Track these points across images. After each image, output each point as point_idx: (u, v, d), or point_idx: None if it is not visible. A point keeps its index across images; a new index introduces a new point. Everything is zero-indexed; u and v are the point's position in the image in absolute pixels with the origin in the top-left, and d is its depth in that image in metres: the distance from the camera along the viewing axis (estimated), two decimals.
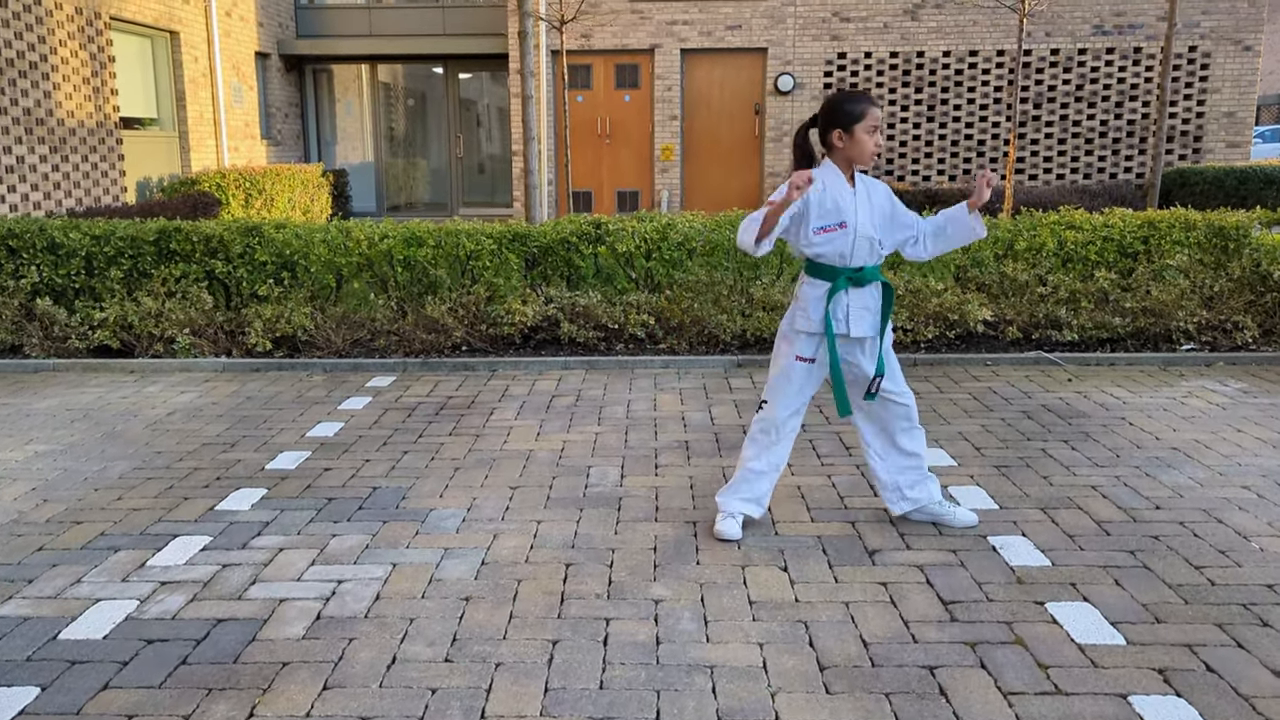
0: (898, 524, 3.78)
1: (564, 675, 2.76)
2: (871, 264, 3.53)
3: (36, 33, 10.31)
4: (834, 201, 3.48)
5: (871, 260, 3.53)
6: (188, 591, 3.29)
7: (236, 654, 2.89)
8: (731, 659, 2.83)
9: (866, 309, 3.55)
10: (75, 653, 2.92)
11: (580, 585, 3.31)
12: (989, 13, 14.39)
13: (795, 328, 3.60)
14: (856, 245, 3.48)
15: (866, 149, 3.47)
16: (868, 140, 3.46)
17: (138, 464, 4.61)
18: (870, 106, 3.45)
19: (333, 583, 3.35)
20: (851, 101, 3.46)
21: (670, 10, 14.67)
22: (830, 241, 3.48)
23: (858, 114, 3.45)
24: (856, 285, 3.52)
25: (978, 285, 6.87)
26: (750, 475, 3.69)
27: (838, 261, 3.51)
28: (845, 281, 3.50)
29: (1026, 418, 5.17)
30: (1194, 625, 2.98)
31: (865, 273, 3.51)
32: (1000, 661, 2.80)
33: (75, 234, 6.94)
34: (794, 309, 3.62)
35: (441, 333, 6.64)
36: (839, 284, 3.49)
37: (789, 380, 3.62)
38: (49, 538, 3.76)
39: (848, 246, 3.48)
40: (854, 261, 3.50)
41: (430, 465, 4.55)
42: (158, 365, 6.50)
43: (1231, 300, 6.61)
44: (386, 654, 2.89)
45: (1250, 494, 4.04)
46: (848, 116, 3.45)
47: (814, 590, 3.25)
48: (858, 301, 3.54)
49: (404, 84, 17.36)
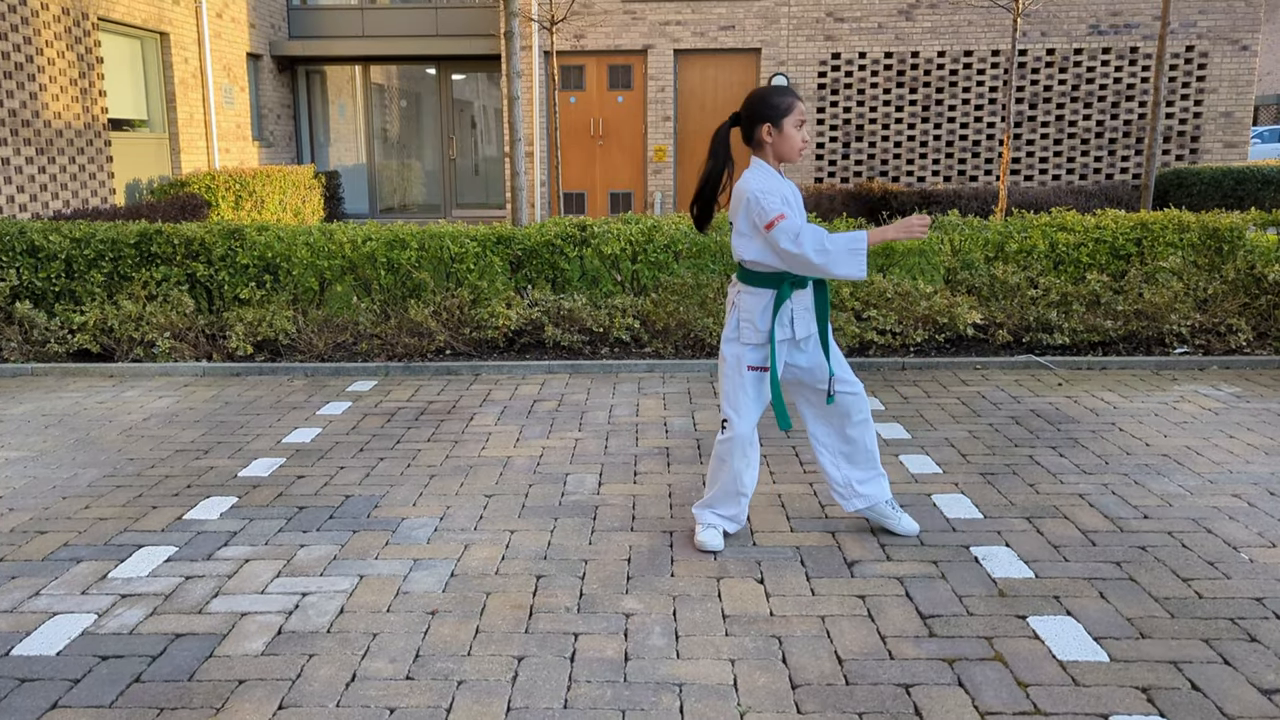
0: (878, 534, 3.70)
1: (527, 694, 2.67)
2: None
3: (22, 33, 10.23)
4: (784, 199, 3.36)
5: None
6: (148, 605, 3.21)
7: (192, 671, 2.81)
8: (701, 676, 2.75)
9: (807, 309, 3.47)
10: (26, 670, 2.83)
11: (550, 598, 3.22)
12: (984, 13, 14.31)
13: (743, 340, 3.47)
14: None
15: (794, 143, 3.38)
16: (795, 134, 3.37)
17: (108, 471, 4.52)
18: (796, 100, 3.37)
19: (297, 595, 3.26)
20: (778, 95, 3.38)
21: (663, 10, 14.59)
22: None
23: (785, 107, 3.36)
24: (799, 288, 3.44)
25: (968, 288, 6.78)
26: (731, 495, 3.58)
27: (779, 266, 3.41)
28: (789, 288, 3.41)
29: (1015, 423, 5.09)
30: (1180, 641, 2.89)
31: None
32: (979, 680, 2.71)
33: (55, 236, 6.86)
34: (736, 320, 3.49)
35: (425, 336, 6.56)
36: (784, 291, 3.40)
37: (746, 393, 3.49)
38: (10, 548, 3.68)
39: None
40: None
41: (405, 473, 4.46)
42: (137, 369, 6.42)
43: (1225, 303, 6.52)
44: (346, 671, 2.80)
45: (1241, 503, 3.95)
46: (775, 110, 3.37)
47: (790, 604, 3.16)
48: (800, 303, 3.46)
49: (397, 85, 17.28)
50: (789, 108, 3.36)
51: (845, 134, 14.77)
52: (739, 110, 3.47)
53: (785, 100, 3.37)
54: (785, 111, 3.36)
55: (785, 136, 3.37)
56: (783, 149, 3.40)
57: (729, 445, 3.51)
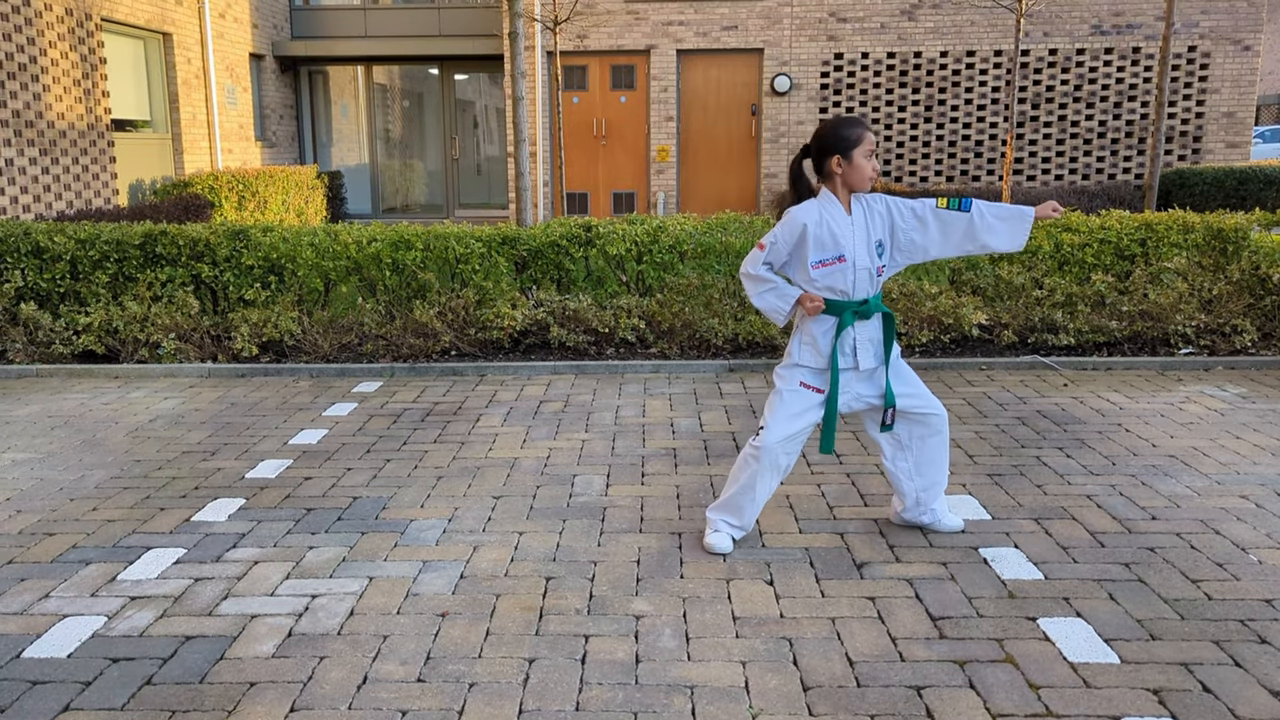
0: (887, 535, 3.70)
1: (539, 696, 2.67)
2: (874, 294, 3.45)
3: (26, 34, 10.23)
4: (831, 234, 3.39)
5: (874, 290, 3.45)
6: (158, 607, 3.21)
7: (203, 674, 2.81)
8: (713, 678, 2.75)
9: (871, 340, 3.47)
10: (38, 672, 2.83)
11: (560, 600, 3.22)
12: (986, 13, 14.30)
13: (801, 362, 3.49)
14: (858, 278, 3.40)
15: (865, 173, 3.39)
16: (866, 165, 3.38)
17: (115, 473, 4.52)
18: (866, 131, 3.38)
19: (306, 597, 3.26)
20: (848, 127, 3.38)
21: (666, 11, 14.59)
22: (829, 276, 3.40)
23: (855, 139, 3.37)
24: (862, 318, 3.45)
25: (973, 289, 6.78)
26: (736, 506, 3.58)
27: (840, 296, 3.42)
28: (851, 316, 3.41)
29: (1021, 424, 5.09)
30: (1190, 642, 2.89)
31: (870, 304, 3.44)
32: (990, 681, 2.71)
33: (60, 238, 6.86)
34: (798, 343, 3.51)
35: (430, 337, 6.56)
36: (846, 319, 3.41)
37: (787, 406, 3.48)
38: (19, 550, 3.68)
39: (848, 281, 3.40)
40: (856, 294, 3.42)
41: (413, 474, 4.46)
42: (142, 371, 6.42)
43: (1230, 303, 6.52)
44: (357, 673, 2.80)
45: (1249, 504, 3.95)
46: (845, 142, 3.37)
47: (800, 605, 3.16)
48: (864, 334, 3.46)
49: (400, 85, 17.28)
50: (858, 139, 3.37)
51: None
52: (809, 142, 3.50)
53: (855, 132, 3.38)
54: (855, 143, 3.37)
55: (855, 167, 3.39)
56: (852, 179, 3.41)
57: (755, 452, 3.51)
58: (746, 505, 3.56)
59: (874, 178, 3.41)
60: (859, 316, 3.43)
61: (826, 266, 3.39)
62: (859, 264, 3.39)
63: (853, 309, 3.41)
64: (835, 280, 3.40)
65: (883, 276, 3.48)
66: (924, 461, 3.60)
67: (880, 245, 3.44)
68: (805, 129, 14.74)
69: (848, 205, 3.44)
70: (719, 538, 3.57)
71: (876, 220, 3.45)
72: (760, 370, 6.35)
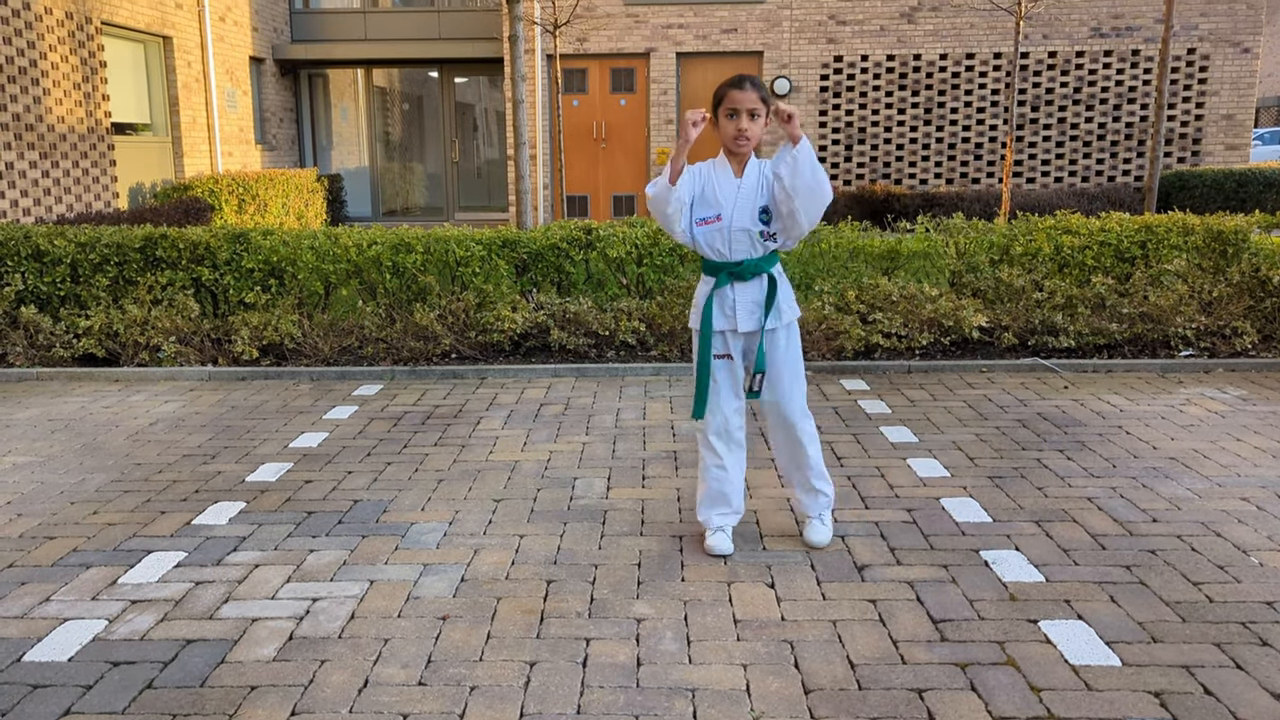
0: (888, 538, 3.70)
1: (540, 699, 2.67)
2: (754, 256, 3.44)
3: (26, 38, 10.24)
4: (713, 192, 3.42)
5: (755, 253, 3.43)
6: (158, 611, 3.21)
7: (204, 677, 2.81)
8: (714, 681, 2.75)
9: (755, 303, 3.47)
10: (39, 676, 2.83)
11: (561, 603, 3.22)
12: (986, 15, 14.32)
13: (692, 326, 3.57)
14: (734, 239, 3.41)
15: (725, 133, 3.39)
16: (726, 125, 3.37)
17: (115, 476, 4.52)
18: (730, 89, 3.34)
19: (307, 601, 3.26)
20: (720, 85, 3.40)
21: (665, 14, 14.60)
22: (708, 234, 3.44)
23: (716, 98, 3.39)
24: (739, 279, 3.45)
25: (973, 291, 6.79)
26: (717, 493, 3.61)
27: (716, 256, 3.45)
28: (726, 277, 3.44)
29: (1022, 426, 5.09)
30: (1191, 645, 2.89)
31: (745, 265, 3.43)
32: (991, 684, 2.71)
33: (60, 241, 6.86)
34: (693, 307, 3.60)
35: (430, 340, 6.56)
36: (720, 279, 3.44)
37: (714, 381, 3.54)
38: (20, 554, 3.68)
39: (724, 240, 3.42)
40: (733, 255, 3.43)
41: (413, 477, 4.46)
42: (143, 374, 6.42)
43: (1230, 305, 6.52)
44: (358, 677, 2.80)
45: (1250, 506, 3.95)
46: (714, 100, 3.40)
47: (801, 608, 3.16)
48: (744, 296, 3.46)
49: (400, 88, 17.29)
50: (718, 98, 3.39)
51: (848, 137, 14.78)
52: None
53: (720, 90, 3.39)
54: (716, 102, 3.40)
55: (719, 127, 3.41)
56: (722, 139, 3.42)
57: (700, 439, 3.59)
58: (732, 488, 3.59)
59: (737, 137, 3.36)
60: (734, 278, 3.44)
61: (706, 225, 3.43)
62: (735, 225, 3.40)
63: (728, 269, 3.43)
64: (713, 239, 3.43)
65: (775, 243, 3.45)
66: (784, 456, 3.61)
67: (765, 211, 3.42)
68: (805, 131, 14.75)
69: (740, 168, 3.44)
70: (719, 538, 3.58)
71: (765, 186, 3.43)
72: None
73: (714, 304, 3.47)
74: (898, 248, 6.81)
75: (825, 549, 3.60)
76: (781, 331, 3.51)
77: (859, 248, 6.83)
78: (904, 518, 3.89)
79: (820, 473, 3.63)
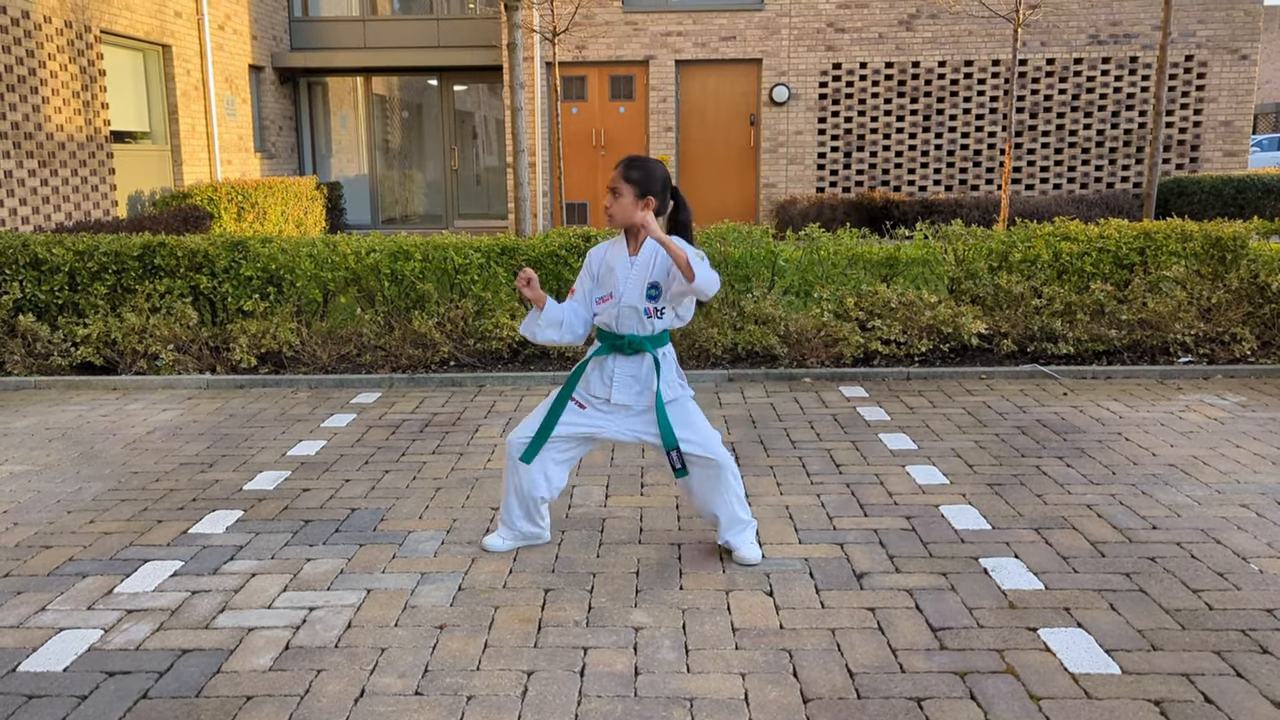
0: (887, 545, 3.69)
1: (537, 709, 2.66)
2: (641, 334, 3.48)
3: (26, 46, 10.25)
4: (609, 271, 3.53)
5: (642, 330, 3.49)
6: (154, 620, 3.19)
7: (200, 687, 2.79)
8: (712, 690, 2.73)
9: (634, 378, 3.53)
10: (34, 686, 2.82)
11: (559, 612, 3.21)
12: (984, 23, 14.34)
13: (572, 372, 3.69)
14: (621, 315, 3.49)
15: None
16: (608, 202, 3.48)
17: (113, 485, 4.51)
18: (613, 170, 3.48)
19: (304, 610, 3.25)
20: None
21: (665, 21, 14.62)
22: (604, 310, 3.53)
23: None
24: (620, 353, 3.51)
25: (972, 298, 6.78)
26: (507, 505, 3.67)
27: (606, 328, 3.54)
28: (608, 347, 3.52)
29: (1021, 433, 5.08)
30: (1191, 653, 2.88)
31: (628, 341, 3.48)
32: (990, 692, 2.70)
33: (59, 249, 6.86)
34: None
35: (429, 348, 6.55)
36: (603, 348, 3.54)
37: (545, 404, 3.61)
38: (16, 563, 3.67)
39: (613, 317, 3.50)
40: (620, 330, 3.50)
41: (411, 485, 4.45)
42: (141, 382, 6.41)
43: (1229, 312, 6.52)
44: (355, 686, 2.79)
45: (1249, 513, 3.94)
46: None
47: (799, 616, 3.15)
48: (624, 370, 3.53)
49: (399, 96, 17.32)
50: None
51: (847, 144, 14.80)
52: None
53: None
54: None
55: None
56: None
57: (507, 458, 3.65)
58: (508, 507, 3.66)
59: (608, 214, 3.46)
60: (616, 350, 3.50)
61: (603, 303, 3.53)
62: (624, 302, 3.47)
63: (611, 341, 3.51)
64: (606, 315, 3.53)
65: (660, 319, 3.48)
66: (709, 498, 3.57)
67: (654, 288, 3.47)
68: (804, 139, 14.77)
69: (635, 245, 3.51)
70: (493, 539, 3.70)
71: (659, 264, 3.47)
72: (759, 380, 6.34)
73: (592, 368, 3.56)
74: (896, 254, 6.81)
75: (822, 559, 3.59)
76: (684, 401, 3.55)
77: (858, 254, 6.83)
78: (903, 525, 3.88)
79: (742, 501, 3.61)
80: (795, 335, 6.45)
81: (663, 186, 3.45)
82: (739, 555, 3.56)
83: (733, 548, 3.59)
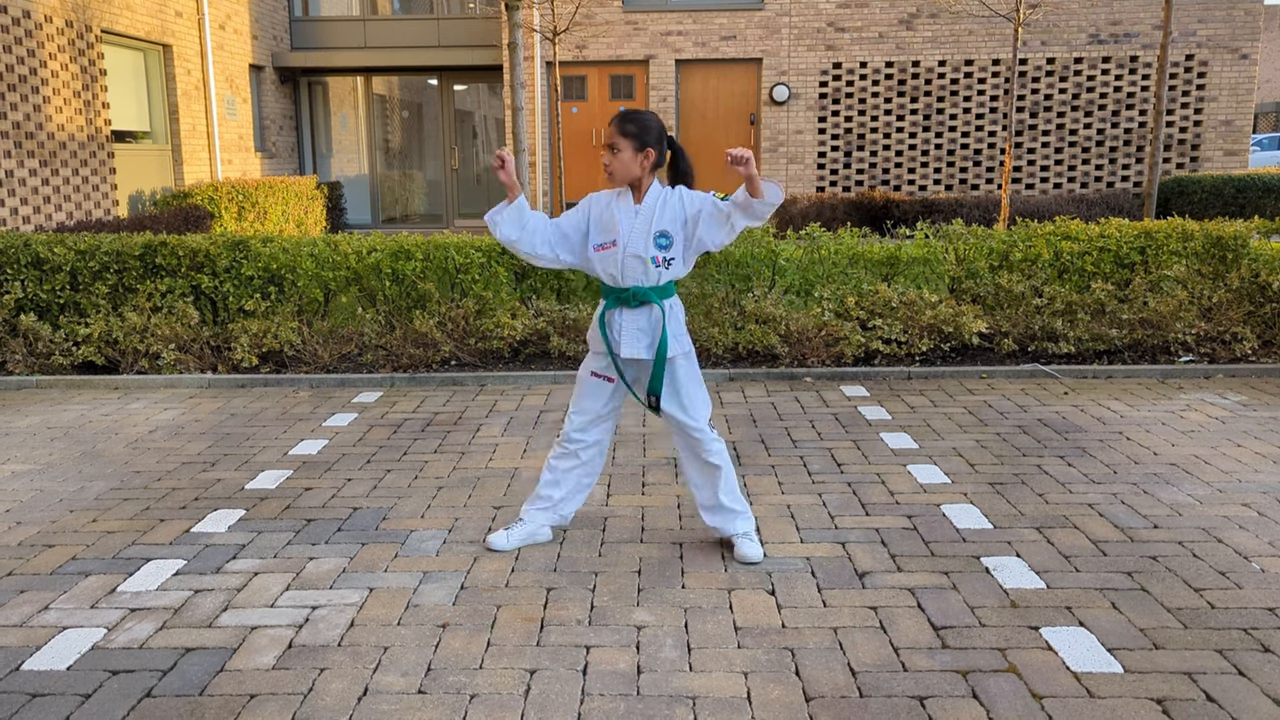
0: (889, 544, 3.69)
1: (540, 708, 2.66)
2: (645, 284, 3.46)
3: (27, 46, 10.25)
4: (612, 219, 3.47)
5: (647, 281, 3.46)
6: (157, 619, 3.20)
7: (203, 686, 2.80)
8: (715, 689, 2.74)
9: (641, 330, 3.49)
10: (37, 685, 2.82)
11: (561, 610, 3.21)
12: (984, 22, 14.35)
13: (589, 345, 3.66)
14: (626, 265, 3.44)
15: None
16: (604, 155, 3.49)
17: (115, 484, 4.51)
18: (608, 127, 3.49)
19: (307, 609, 3.25)
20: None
21: (665, 21, 14.63)
22: (603, 260, 3.49)
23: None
24: (625, 306, 3.48)
25: (973, 297, 6.79)
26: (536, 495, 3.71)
27: (609, 281, 3.50)
28: (614, 301, 3.49)
29: (1022, 432, 5.08)
30: (1193, 651, 2.88)
31: (634, 293, 3.45)
32: (993, 691, 2.70)
33: (60, 249, 6.86)
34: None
35: (430, 347, 6.56)
36: (608, 303, 3.51)
37: (581, 392, 3.63)
38: (19, 562, 3.67)
39: (617, 267, 3.46)
40: (624, 281, 3.47)
41: (413, 484, 4.45)
42: (142, 382, 6.42)
43: (1230, 311, 6.52)
44: (358, 685, 2.79)
45: (1251, 512, 3.95)
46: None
47: (801, 615, 3.15)
48: (631, 322, 3.49)
49: (399, 96, 17.32)
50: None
51: (847, 143, 14.81)
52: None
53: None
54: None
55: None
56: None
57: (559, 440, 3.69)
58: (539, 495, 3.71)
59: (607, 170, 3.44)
60: (620, 303, 3.48)
61: (604, 249, 3.48)
62: (629, 250, 3.43)
63: (615, 295, 3.48)
64: (610, 264, 3.47)
65: (667, 270, 3.45)
66: (687, 468, 3.63)
67: (664, 236, 3.43)
68: (804, 138, 14.78)
69: (639, 196, 3.48)
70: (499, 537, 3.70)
71: (666, 212, 3.44)
72: (760, 379, 6.35)
73: (603, 325, 3.53)
74: (897, 254, 6.81)
75: (824, 558, 3.59)
76: (681, 360, 3.53)
77: (858, 254, 6.83)
78: (905, 524, 3.89)
79: (732, 489, 3.60)
80: (796, 334, 6.45)
81: (658, 137, 3.44)
82: (740, 554, 3.57)
83: (730, 540, 3.61)
